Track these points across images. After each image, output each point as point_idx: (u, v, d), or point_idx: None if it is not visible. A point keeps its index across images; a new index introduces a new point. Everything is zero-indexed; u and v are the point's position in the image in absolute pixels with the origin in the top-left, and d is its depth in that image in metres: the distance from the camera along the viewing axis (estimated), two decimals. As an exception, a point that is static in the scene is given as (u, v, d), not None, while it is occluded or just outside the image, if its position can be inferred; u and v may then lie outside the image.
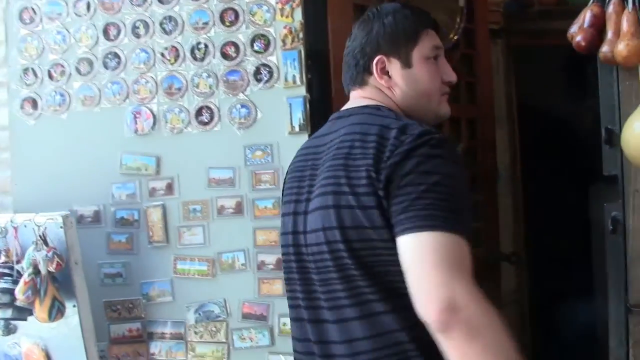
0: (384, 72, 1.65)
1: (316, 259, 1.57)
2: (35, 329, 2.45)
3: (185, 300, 2.58)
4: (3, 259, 2.38)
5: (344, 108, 1.70)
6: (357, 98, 1.69)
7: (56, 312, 2.28)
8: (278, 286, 2.50)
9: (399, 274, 1.41)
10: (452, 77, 1.70)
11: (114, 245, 2.62)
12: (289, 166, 1.78)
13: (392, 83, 1.64)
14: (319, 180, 1.56)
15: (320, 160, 1.60)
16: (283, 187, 1.78)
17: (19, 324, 2.51)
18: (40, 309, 2.27)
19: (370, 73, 1.66)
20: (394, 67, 1.64)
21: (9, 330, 2.55)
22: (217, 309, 2.54)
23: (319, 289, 1.57)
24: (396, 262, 1.41)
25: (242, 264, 2.54)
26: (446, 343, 1.33)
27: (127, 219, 2.61)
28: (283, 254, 1.72)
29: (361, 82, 1.69)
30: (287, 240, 1.68)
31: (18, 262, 2.36)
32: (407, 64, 1.64)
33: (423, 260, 1.35)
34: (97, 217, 2.63)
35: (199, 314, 2.56)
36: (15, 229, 2.36)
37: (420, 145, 1.42)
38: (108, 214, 2.63)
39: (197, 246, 2.57)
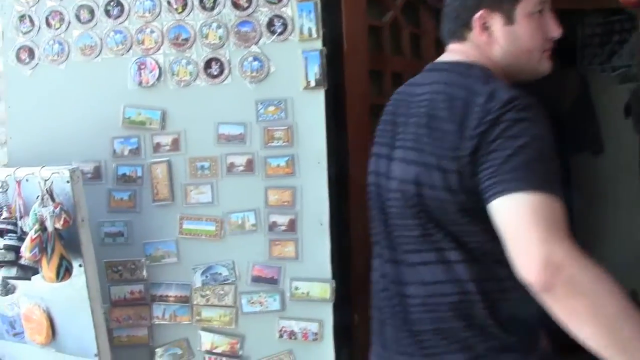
0: (485, 28, 1.77)
1: (395, 205, 1.79)
2: (36, 289, 2.61)
3: (192, 262, 2.75)
4: (5, 215, 2.53)
5: (439, 60, 1.86)
6: (454, 52, 1.84)
7: (64, 271, 2.45)
8: (290, 248, 2.70)
9: (472, 234, 1.63)
10: (556, 32, 1.80)
11: (115, 203, 2.78)
12: (386, 106, 1.96)
13: (492, 40, 1.78)
14: (405, 132, 1.76)
15: (411, 111, 1.78)
16: (377, 126, 1.98)
17: (18, 284, 2.68)
18: (48, 268, 2.43)
19: (470, 29, 1.80)
20: (496, 23, 1.77)
21: (7, 290, 2.72)
22: (225, 272, 2.74)
23: (397, 231, 1.80)
24: (469, 223, 1.62)
25: (253, 225, 2.72)
26: (551, 303, 1.48)
27: (130, 176, 2.77)
28: (368, 191, 1.96)
29: (460, 37, 1.83)
30: (373, 179, 1.91)
31: (21, 218, 2.51)
32: (510, 20, 1.76)
33: (520, 222, 1.49)
34: (97, 174, 2.77)
35: (206, 276, 2.74)
36: (18, 183, 2.51)
37: (508, 110, 1.56)
38: (109, 170, 2.77)
39: (205, 205, 2.74)
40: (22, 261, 2.44)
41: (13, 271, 2.47)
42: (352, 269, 2.83)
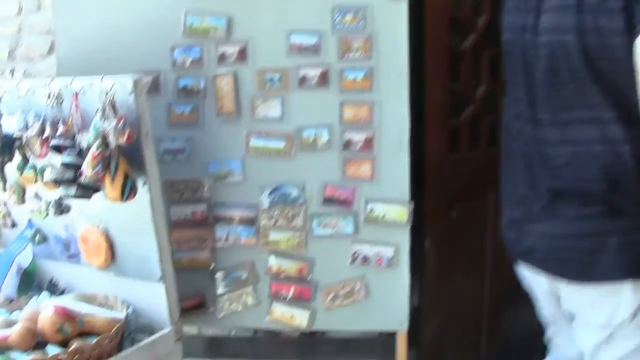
0: None
1: (546, 59, 1.64)
2: (94, 209, 2.39)
3: (258, 181, 2.54)
4: (61, 130, 2.29)
5: None
6: None
7: (129, 190, 2.22)
8: (365, 168, 2.47)
9: (633, 90, 1.48)
10: None
11: (176, 117, 2.54)
12: None
13: None
14: None
15: None
16: None
17: (74, 203, 2.46)
18: (111, 187, 2.20)
19: None
20: None
21: (62, 209, 2.50)
22: (295, 192, 2.51)
23: (544, 88, 1.67)
24: (631, 75, 1.48)
25: (326, 142, 2.49)
26: None
27: (192, 88, 2.53)
28: (506, 51, 1.86)
29: None
30: (513, 35, 1.78)
31: (79, 133, 2.27)
32: None
33: None
34: (156, 86, 2.53)
35: (274, 196, 2.53)
36: (75, 95, 2.26)
37: None
38: (169, 82, 2.53)
39: (274, 120, 2.51)
40: (82, 179, 2.21)
41: (72, 190, 2.24)
42: (426, 191, 2.59)
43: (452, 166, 2.78)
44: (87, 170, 2.14)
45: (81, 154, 2.23)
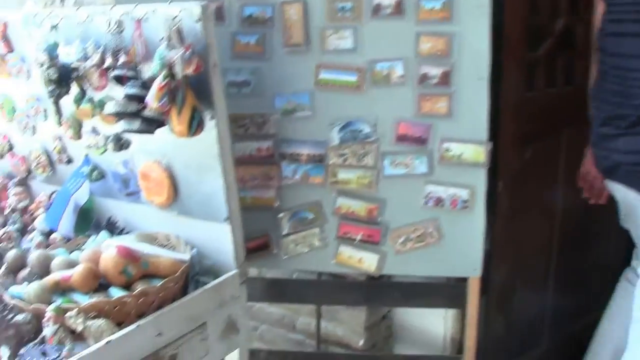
0: None
1: None
2: (156, 145, 2.24)
3: (328, 117, 2.37)
4: (122, 59, 2.11)
5: None
6: None
7: (197, 124, 2.06)
8: (442, 104, 2.29)
9: None
10: None
11: (241, 48, 2.36)
12: None
13: None
14: None
15: None
16: None
17: (134, 138, 2.31)
18: (178, 121, 2.04)
19: None
20: None
21: (122, 145, 2.36)
22: (366, 129, 2.34)
23: None
24: None
25: (400, 76, 2.30)
26: None
27: (258, 17, 2.34)
28: None
29: None
30: None
31: (141, 63, 2.10)
32: None
33: None
34: (219, 14, 2.35)
35: (345, 133, 2.36)
36: (138, 22, 2.08)
37: None
38: (233, 10, 2.35)
39: (345, 52, 2.31)
40: (146, 112, 2.04)
41: (135, 124, 2.08)
42: (501, 130, 2.39)
43: (528, 104, 2.58)
44: (153, 102, 1.97)
45: (145, 85, 2.06)
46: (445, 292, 2.55)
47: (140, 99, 2.06)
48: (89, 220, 2.50)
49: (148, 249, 2.18)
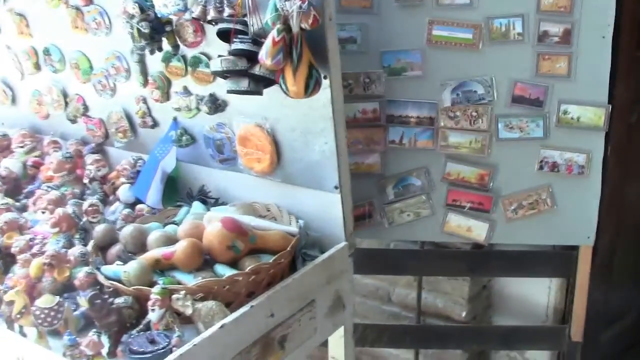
0: None
1: None
2: (259, 106, 2.02)
3: (440, 77, 2.16)
4: (228, 11, 1.85)
5: None
6: None
7: (314, 84, 1.82)
8: (562, 64, 2.10)
9: None
10: None
11: (347, 1, 2.16)
12: None
13: None
14: None
15: None
16: None
17: (232, 99, 2.08)
18: (294, 80, 1.80)
19: None
20: None
21: (217, 106, 2.11)
22: (480, 89, 2.13)
23: None
24: None
25: (519, 34, 2.10)
26: None
27: (366, -32, 2.10)
28: None
29: None
30: None
31: (250, 15, 1.84)
32: None
33: None
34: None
35: (457, 94, 2.15)
36: (247, -31, 1.82)
37: None
38: (339, -40, 2.11)
39: (461, 7, 2.10)
40: (257, 70, 1.79)
41: (243, 84, 1.87)
42: (615, 93, 2.15)
43: (638, 65, 2.33)
44: (267, 59, 1.74)
45: (255, 41, 1.79)
46: (553, 261, 2.37)
47: (250, 56, 1.79)
48: (175, 190, 2.26)
49: (255, 222, 1.94)
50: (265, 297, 1.77)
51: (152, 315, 1.71)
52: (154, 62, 2.19)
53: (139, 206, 2.22)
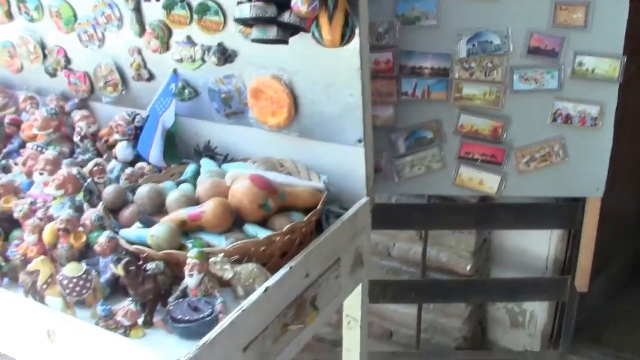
0: None
1: None
2: (275, 57, 1.88)
3: (455, 27, 2.05)
4: (249, -46, 1.69)
5: None
6: None
7: (349, 32, 1.69)
8: (579, 15, 2.02)
9: None
10: None
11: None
12: None
13: None
14: None
15: None
16: None
17: (241, 50, 1.93)
18: (329, 28, 1.67)
19: None
20: None
21: (227, 57, 1.95)
22: (496, 40, 2.05)
23: None
24: None
25: (535, -19, 2.00)
26: None
27: None
28: None
29: None
30: None
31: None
32: None
33: None
34: None
35: (473, 45, 2.06)
36: None
37: None
38: None
39: (478, -45, 1.99)
40: (286, 18, 1.64)
41: (271, 32, 1.73)
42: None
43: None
44: (302, 5, 1.60)
45: (283, -13, 1.65)
46: (558, 213, 2.33)
47: (280, 3, 1.64)
48: (174, 146, 2.08)
49: (280, 178, 1.80)
50: (302, 257, 1.65)
51: (190, 281, 1.56)
52: (152, 10, 1.99)
53: (139, 164, 2.04)
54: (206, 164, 1.98)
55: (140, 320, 1.52)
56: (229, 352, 1.40)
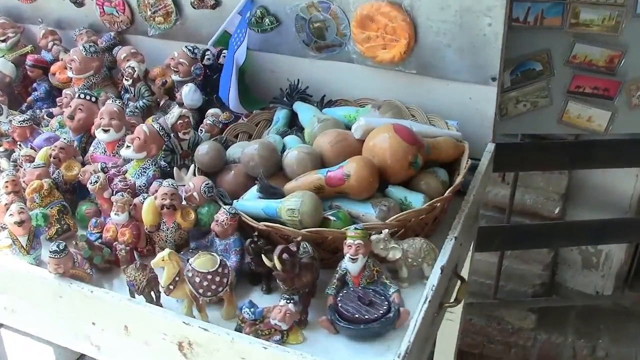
0: None
1: None
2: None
3: None
4: None
5: None
6: None
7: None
8: None
9: None
10: None
11: None
12: None
13: None
14: None
15: None
16: None
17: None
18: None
19: None
20: None
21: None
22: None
23: None
24: None
25: None
26: None
27: None
28: None
29: None
30: None
31: None
32: None
33: None
34: None
35: None
36: None
37: None
38: None
39: None
40: None
41: None
42: None
43: None
44: None
45: None
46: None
47: None
48: (246, 88, 1.62)
49: (416, 127, 1.38)
50: (461, 226, 1.26)
51: (353, 267, 1.15)
52: None
53: (211, 111, 1.56)
54: (304, 109, 1.53)
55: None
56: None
